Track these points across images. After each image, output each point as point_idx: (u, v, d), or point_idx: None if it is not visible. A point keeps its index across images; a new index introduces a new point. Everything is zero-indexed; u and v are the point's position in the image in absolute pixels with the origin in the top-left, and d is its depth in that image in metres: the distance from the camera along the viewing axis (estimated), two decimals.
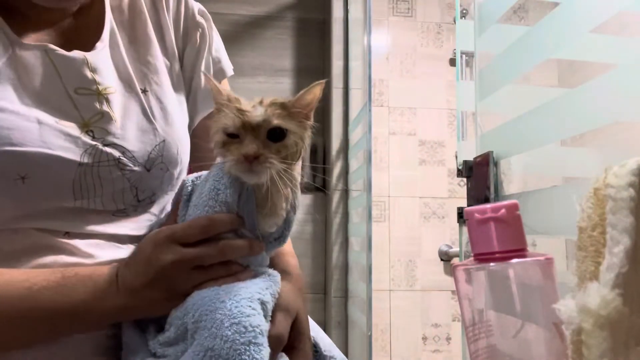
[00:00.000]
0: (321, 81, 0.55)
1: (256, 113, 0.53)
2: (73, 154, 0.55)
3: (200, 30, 0.73)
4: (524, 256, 0.36)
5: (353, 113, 1.91)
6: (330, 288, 1.91)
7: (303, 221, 2.02)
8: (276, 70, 2.15)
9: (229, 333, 0.47)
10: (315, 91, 0.55)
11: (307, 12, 2.19)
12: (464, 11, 1.81)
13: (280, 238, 0.59)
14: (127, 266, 0.54)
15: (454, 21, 1.85)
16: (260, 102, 0.55)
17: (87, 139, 0.57)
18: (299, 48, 2.18)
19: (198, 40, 0.72)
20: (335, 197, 1.95)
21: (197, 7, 0.74)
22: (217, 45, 0.75)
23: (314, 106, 0.57)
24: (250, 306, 0.50)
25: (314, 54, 2.17)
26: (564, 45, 0.62)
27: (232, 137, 0.54)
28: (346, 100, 1.98)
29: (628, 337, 0.29)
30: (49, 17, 0.61)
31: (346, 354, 1.81)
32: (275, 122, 0.53)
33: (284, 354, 0.54)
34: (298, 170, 0.57)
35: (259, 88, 2.13)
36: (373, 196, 1.62)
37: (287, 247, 0.66)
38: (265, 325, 0.50)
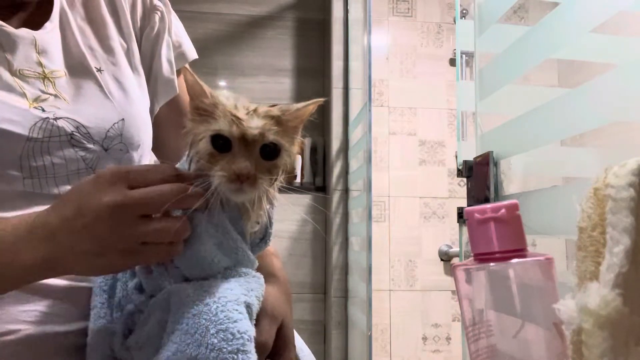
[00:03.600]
0: (320, 100, 0.52)
1: (252, 124, 0.48)
2: (21, 127, 0.52)
3: (159, 13, 0.70)
4: (524, 256, 0.36)
5: (353, 113, 1.91)
6: (330, 288, 1.91)
7: (303, 221, 2.02)
8: (276, 70, 2.15)
9: (215, 341, 0.44)
10: (312, 107, 0.52)
11: (307, 12, 2.19)
12: (464, 11, 1.81)
13: (265, 237, 0.57)
14: (54, 209, 0.45)
15: (454, 21, 1.85)
16: (255, 111, 0.50)
17: (37, 112, 0.54)
18: (299, 48, 2.18)
19: (157, 23, 0.70)
20: (335, 197, 1.95)
21: None
22: (177, 29, 0.73)
23: (304, 121, 0.53)
24: (237, 310, 0.46)
25: (314, 54, 2.17)
26: (564, 45, 0.62)
27: (220, 148, 0.48)
28: (346, 100, 1.98)
29: (628, 337, 0.29)
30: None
31: (346, 354, 1.81)
32: (272, 138, 0.48)
33: None
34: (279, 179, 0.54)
35: (259, 88, 2.13)
36: (373, 196, 1.62)
37: (271, 247, 0.63)
38: (252, 331, 0.47)
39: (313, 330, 2.01)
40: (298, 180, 2.02)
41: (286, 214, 2.00)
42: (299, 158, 2.04)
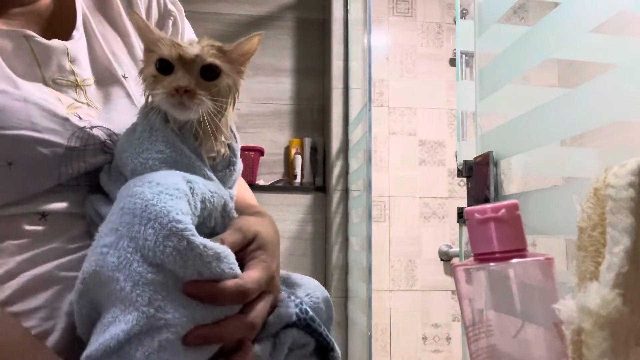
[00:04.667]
0: (259, 32, 0.56)
1: (192, 49, 0.53)
2: (61, 137, 0.53)
3: (172, 18, 0.72)
4: (524, 256, 0.36)
5: (353, 113, 1.91)
6: (330, 288, 1.91)
7: (303, 221, 2.02)
8: (276, 70, 2.15)
9: (138, 188, 0.45)
10: (253, 41, 0.56)
11: (307, 12, 2.19)
12: (464, 11, 1.81)
13: (230, 165, 0.58)
14: None
15: (454, 21, 1.85)
16: (198, 42, 0.55)
17: (74, 121, 0.55)
18: (299, 48, 2.18)
19: (170, 29, 0.72)
20: (335, 197, 1.95)
21: None
22: (189, 35, 0.75)
23: (250, 56, 0.58)
24: (169, 173, 0.48)
25: (314, 54, 2.17)
26: (564, 45, 0.62)
27: (164, 72, 0.53)
28: (346, 100, 1.98)
29: (628, 337, 0.29)
30: (22, 2, 0.59)
31: (346, 354, 1.82)
32: (210, 59, 0.53)
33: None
34: (231, 118, 0.58)
35: (259, 88, 2.13)
36: (373, 196, 1.62)
37: (262, 207, 0.64)
38: (185, 187, 0.46)
39: None
40: (298, 180, 2.02)
41: (286, 214, 2.00)
42: (299, 158, 2.04)
